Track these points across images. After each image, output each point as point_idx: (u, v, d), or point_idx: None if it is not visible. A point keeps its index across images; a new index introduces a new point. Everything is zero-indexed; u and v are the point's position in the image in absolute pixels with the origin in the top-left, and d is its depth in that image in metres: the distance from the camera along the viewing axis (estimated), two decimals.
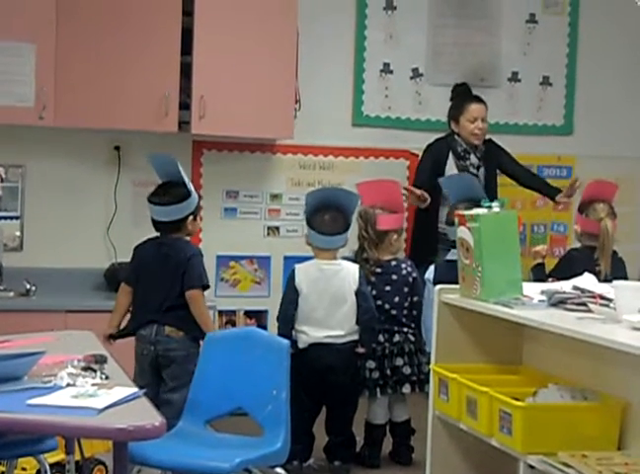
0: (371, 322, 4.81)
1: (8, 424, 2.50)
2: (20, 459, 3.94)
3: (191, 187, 4.60)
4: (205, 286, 4.52)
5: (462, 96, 6.02)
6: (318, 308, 4.70)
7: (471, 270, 3.41)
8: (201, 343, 4.46)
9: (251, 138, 6.05)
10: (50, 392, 2.64)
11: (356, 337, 4.75)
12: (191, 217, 4.59)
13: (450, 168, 5.83)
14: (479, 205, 3.54)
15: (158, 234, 4.62)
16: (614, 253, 5.08)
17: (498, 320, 3.33)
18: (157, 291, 4.46)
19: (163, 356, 4.42)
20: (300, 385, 3.50)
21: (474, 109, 5.85)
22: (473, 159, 5.85)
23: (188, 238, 4.66)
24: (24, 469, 4.12)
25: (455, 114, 5.91)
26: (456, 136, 5.87)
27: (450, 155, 5.85)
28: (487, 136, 5.93)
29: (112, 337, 4.55)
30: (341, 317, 4.71)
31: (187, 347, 4.43)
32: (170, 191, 4.57)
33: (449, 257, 4.73)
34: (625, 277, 4.87)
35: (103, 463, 4.35)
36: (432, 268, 4.89)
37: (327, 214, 4.79)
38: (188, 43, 5.70)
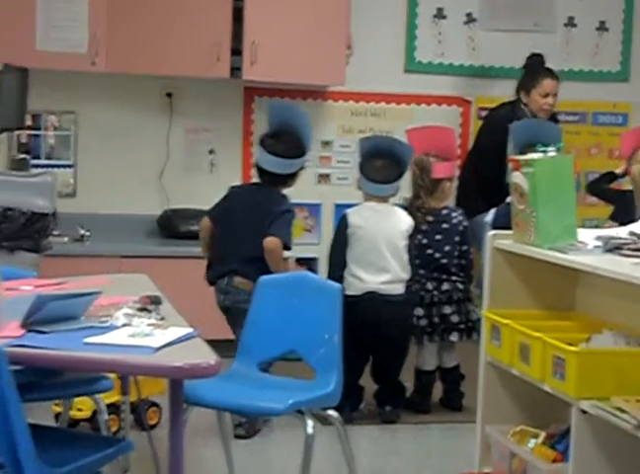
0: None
1: (65, 361, 2.53)
2: (76, 400, 4.02)
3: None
4: (286, 245, 4.40)
5: (537, 68, 5.89)
6: (373, 249, 4.68)
7: (525, 215, 3.37)
8: None
9: (302, 85, 6.03)
10: (107, 331, 2.67)
11: (404, 287, 4.74)
12: (300, 172, 4.52)
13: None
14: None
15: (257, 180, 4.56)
16: None
17: (551, 266, 3.29)
18: (242, 240, 4.36)
19: (233, 308, 4.38)
20: (348, 337, 3.49)
21: (547, 84, 5.74)
22: None
23: (285, 191, 4.56)
24: (80, 410, 4.20)
25: (527, 85, 5.79)
26: (522, 105, 5.76)
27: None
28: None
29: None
30: (395, 259, 4.69)
31: None
32: (286, 142, 4.44)
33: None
34: None
35: (157, 405, 4.42)
36: (491, 211, 4.86)
37: (379, 162, 4.75)
38: None
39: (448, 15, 6.31)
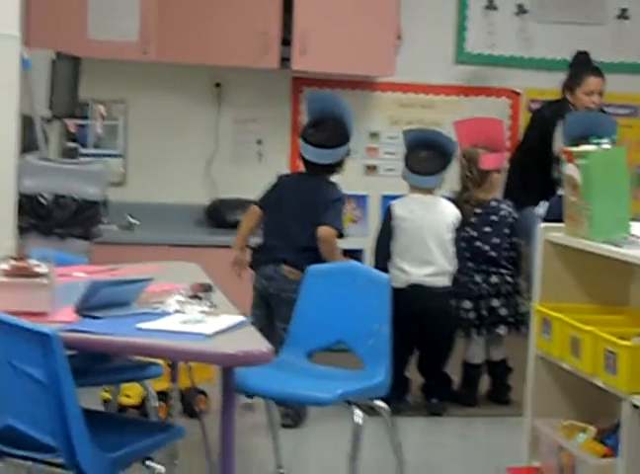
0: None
1: (119, 347, 2.56)
2: (124, 386, 4.05)
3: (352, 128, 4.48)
4: (340, 234, 4.40)
5: (581, 66, 5.81)
6: (417, 241, 4.67)
7: (578, 208, 3.34)
8: None
9: (351, 75, 6.01)
10: (159, 318, 2.69)
11: (450, 279, 4.72)
12: (346, 159, 4.50)
13: (558, 136, 5.69)
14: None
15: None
16: None
17: (604, 259, 3.26)
18: (291, 230, 4.37)
19: (276, 296, 4.36)
20: (393, 329, 3.48)
21: (592, 82, 5.66)
22: None
23: (333, 179, 4.54)
24: (128, 396, 4.22)
25: (571, 84, 5.71)
26: (569, 104, 5.69)
27: (560, 123, 5.69)
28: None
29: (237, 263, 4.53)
30: (440, 251, 4.67)
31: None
32: (325, 130, 4.42)
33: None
34: None
35: (204, 393, 4.43)
36: (542, 204, 4.82)
37: (423, 154, 4.74)
38: None
39: (499, 6, 6.26)
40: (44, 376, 2.41)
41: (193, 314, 2.72)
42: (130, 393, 4.21)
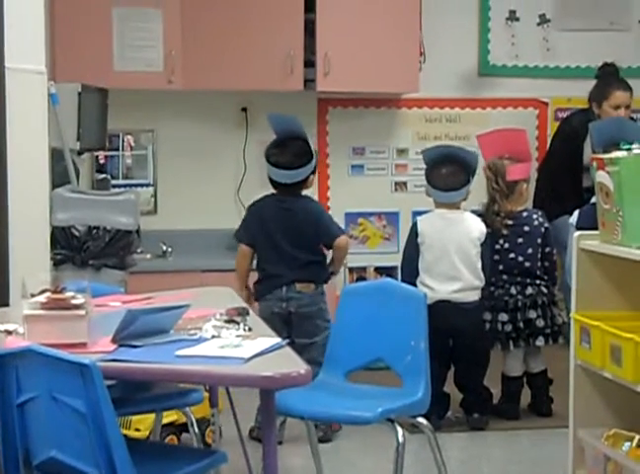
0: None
1: (159, 374, 2.56)
2: (134, 419, 4.01)
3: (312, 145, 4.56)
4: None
5: (608, 79, 5.76)
6: (443, 258, 4.66)
7: (611, 214, 3.31)
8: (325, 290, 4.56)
9: (376, 93, 6.03)
10: (197, 344, 2.69)
11: (479, 294, 4.71)
12: (312, 176, 4.55)
13: (588, 145, 5.66)
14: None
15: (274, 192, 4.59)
16: None
17: None
18: (285, 252, 4.45)
19: (296, 313, 4.44)
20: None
21: (619, 96, 5.62)
22: None
23: (305, 192, 4.60)
24: (137, 430, 4.08)
25: (598, 97, 5.68)
26: (596, 116, 5.67)
27: (588, 134, 5.66)
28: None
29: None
30: (467, 267, 4.66)
31: (318, 301, 4.47)
32: (290, 151, 4.48)
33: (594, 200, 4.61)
34: None
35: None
36: (576, 213, 4.79)
37: (444, 169, 4.73)
38: (311, 1, 5.70)
39: (521, 17, 6.26)
40: (85, 407, 2.42)
41: (230, 339, 2.72)
42: (140, 426, 4.08)
